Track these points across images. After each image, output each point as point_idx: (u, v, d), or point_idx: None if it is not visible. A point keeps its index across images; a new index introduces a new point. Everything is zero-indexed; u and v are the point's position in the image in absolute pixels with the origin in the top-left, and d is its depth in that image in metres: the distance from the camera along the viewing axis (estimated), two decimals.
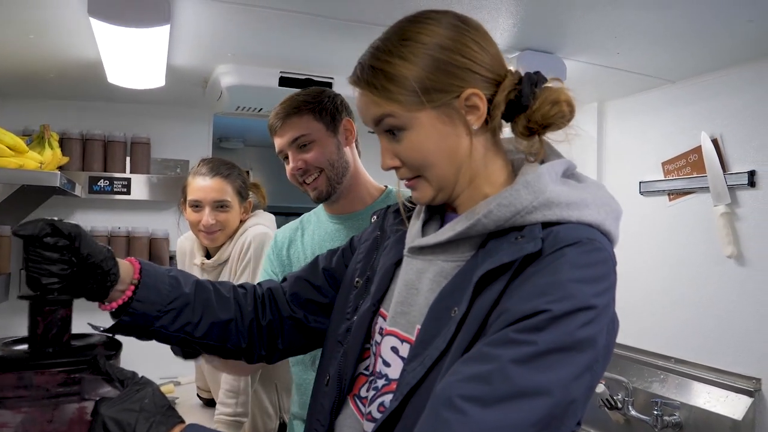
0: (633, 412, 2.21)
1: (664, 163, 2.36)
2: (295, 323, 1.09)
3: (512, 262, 0.79)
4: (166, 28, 1.61)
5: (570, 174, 0.91)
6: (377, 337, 0.93)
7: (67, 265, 0.85)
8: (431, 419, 0.72)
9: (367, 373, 0.94)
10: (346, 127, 1.55)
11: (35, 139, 2.27)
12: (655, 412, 2.12)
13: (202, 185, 1.98)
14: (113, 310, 0.92)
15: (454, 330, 0.80)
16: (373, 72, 0.88)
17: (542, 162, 0.90)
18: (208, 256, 2.09)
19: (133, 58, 1.88)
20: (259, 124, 3.89)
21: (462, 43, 0.87)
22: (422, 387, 0.80)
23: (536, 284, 0.77)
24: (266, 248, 1.94)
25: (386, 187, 1.63)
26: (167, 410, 0.78)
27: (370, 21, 1.78)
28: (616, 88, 2.47)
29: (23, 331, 2.62)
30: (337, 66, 2.25)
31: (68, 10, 1.63)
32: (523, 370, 0.71)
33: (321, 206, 1.64)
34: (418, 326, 0.86)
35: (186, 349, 1.06)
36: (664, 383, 2.23)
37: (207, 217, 1.96)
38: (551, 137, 0.91)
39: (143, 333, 0.96)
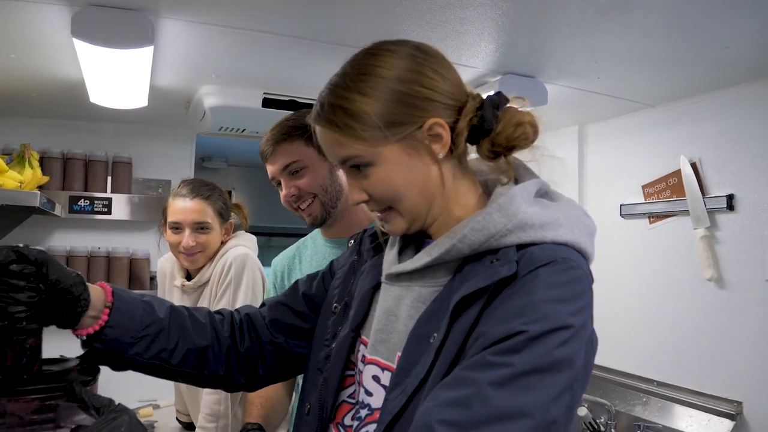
0: None
1: (644, 186, 2.39)
2: (275, 348, 1.07)
3: (488, 286, 0.79)
4: (150, 49, 1.61)
5: (543, 193, 0.91)
6: (360, 365, 0.92)
7: (34, 293, 0.83)
8: None
9: (352, 401, 0.93)
10: None
11: (15, 158, 2.25)
12: None
13: (182, 207, 1.96)
14: (86, 336, 0.90)
15: (434, 356, 0.79)
16: (333, 109, 0.86)
17: (516, 181, 0.90)
18: (189, 277, 2.06)
19: (116, 79, 1.87)
20: (241, 144, 3.90)
21: (421, 73, 0.86)
22: (404, 415, 0.79)
23: (511, 306, 0.76)
24: (246, 270, 1.93)
25: None
26: None
27: (353, 43, 1.78)
28: (597, 111, 2.51)
29: None
30: (320, 87, 2.25)
31: (51, 30, 1.63)
32: (501, 392, 0.70)
33: (317, 230, 1.63)
34: (399, 353, 0.85)
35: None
36: (646, 406, 2.24)
37: (187, 238, 1.94)
38: (520, 157, 0.91)
39: (117, 362, 0.94)
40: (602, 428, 2.24)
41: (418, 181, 0.87)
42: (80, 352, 0.92)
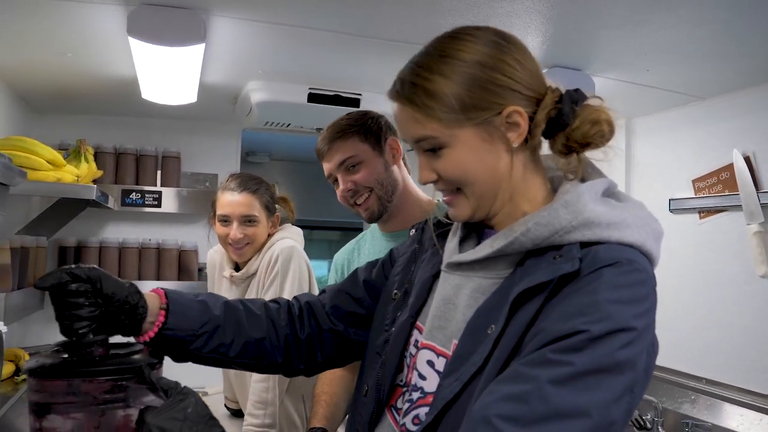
0: None
1: (694, 181, 2.34)
2: (334, 336, 1.10)
3: (549, 281, 0.79)
4: (202, 46, 1.65)
5: (611, 193, 0.90)
6: (411, 349, 0.94)
7: (94, 307, 0.86)
8: None
9: (401, 384, 0.95)
10: (392, 146, 1.58)
11: (72, 153, 2.33)
12: None
13: (230, 200, 2.01)
14: (148, 340, 0.94)
15: (491, 347, 0.80)
16: (414, 88, 0.87)
17: (582, 180, 0.90)
18: (237, 268, 2.11)
19: (168, 76, 1.93)
20: (285, 138, 3.96)
21: (502, 60, 0.86)
22: (458, 402, 0.80)
23: (574, 304, 0.76)
24: (293, 261, 1.97)
25: (438, 201, 1.65)
26: (209, 420, 0.80)
27: (398, 38, 1.81)
28: (645, 104, 2.46)
29: (57, 338, 2.67)
30: (365, 82, 2.28)
31: (107, 29, 1.69)
32: (561, 390, 0.70)
33: (376, 226, 1.67)
34: (455, 341, 0.86)
35: None
36: (694, 404, 2.20)
37: (235, 231, 1.99)
38: (590, 155, 0.91)
39: (178, 354, 0.98)
40: (649, 425, 2.21)
41: (489, 168, 0.87)
42: None
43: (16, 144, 1.89)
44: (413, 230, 1.13)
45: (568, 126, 0.87)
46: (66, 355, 0.83)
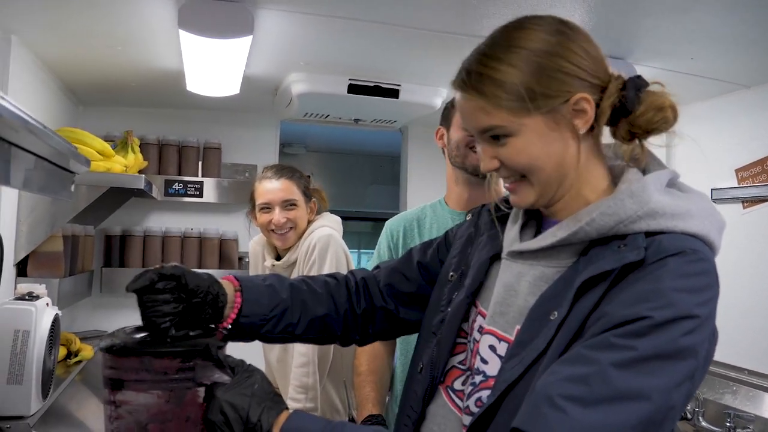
0: (704, 424, 2.17)
1: (737, 170, 2.31)
2: (385, 313, 1.14)
3: (613, 269, 0.80)
4: (249, 38, 1.69)
5: (673, 184, 0.91)
6: (476, 335, 0.96)
7: (177, 303, 0.90)
8: (531, 415, 0.74)
9: (462, 367, 0.97)
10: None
11: (119, 144, 2.41)
12: (728, 424, 2.07)
13: (269, 188, 2.06)
14: (228, 327, 0.99)
15: (554, 332, 0.81)
16: (481, 78, 0.88)
17: (643, 171, 0.91)
18: (278, 258, 2.16)
19: (214, 68, 1.97)
20: (321, 129, 4.00)
21: (568, 48, 0.87)
22: (519, 384, 0.82)
23: (638, 291, 0.77)
24: (330, 249, 2.00)
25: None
26: (274, 396, 0.83)
27: (438, 29, 1.82)
28: (688, 93, 2.43)
29: (104, 324, 2.74)
30: (405, 73, 2.30)
31: (157, 23, 1.74)
32: (623, 373, 0.72)
33: (439, 201, 1.72)
34: (517, 327, 0.88)
35: None
36: (736, 395, 2.18)
37: (278, 215, 2.03)
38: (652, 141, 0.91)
39: (250, 337, 1.03)
40: (690, 416, 2.20)
41: (556, 155, 0.88)
42: None
43: (68, 135, 1.96)
44: (470, 214, 1.15)
45: (632, 113, 0.87)
46: (137, 336, 0.87)
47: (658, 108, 0.87)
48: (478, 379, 0.91)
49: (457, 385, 0.96)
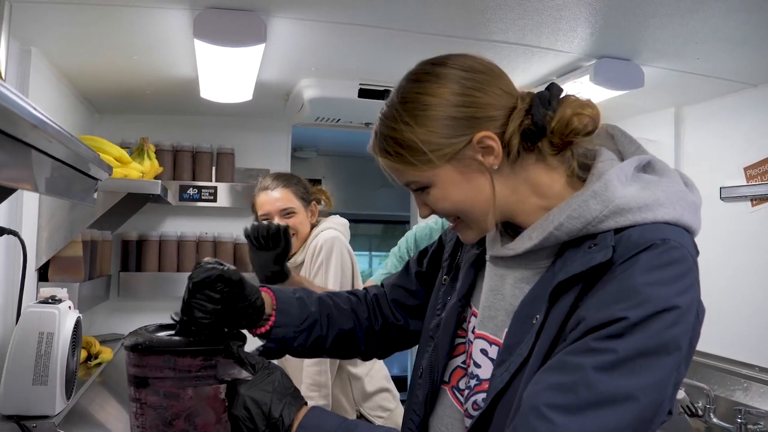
0: (715, 420, 2.18)
1: (746, 168, 2.32)
2: (397, 328, 1.18)
3: (583, 272, 0.80)
4: (261, 46, 1.73)
5: (645, 165, 0.90)
6: (470, 336, 0.98)
7: (221, 305, 0.94)
8: (520, 427, 0.75)
9: (464, 366, 0.99)
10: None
11: (135, 150, 2.46)
12: (739, 421, 2.08)
13: (267, 198, 2.12)
14: (264, 332, 1.03)
15: (534, 337, 0.83)
16: (385, 140, 0.91)
17: (620, 153, 0.91)
18: None
19: (228, 75, 2.02)
20: (331, 133, 4.05)
21: (465, 95, 0.87)
22: (509, 391, 0.84)
23: (611, 291, 0.77)
24: (335, 251, 2.04)
25: None
26: (294, 392, 0.87)
27: (448, 33, 1.85)
28: (695, 93, 2.45)
29: (121, 327, 2.79)
30: None
31: (173, 32, 1.78)
32: (606, 377, 0.73)
33: None
34: (506, 330, 0.90)
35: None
36: (747, 391, 2.19)
37: None
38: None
39: (281, 352, 1.07)
40: (701, 413, 2.21)
41: (478, 194, 0.90)
42: None
43: (87, 143, 2.00)
44: None
45: (546, 129, 0.87)
46: (160, 334, 0.91)
47: (568, 120, 0.86)
48: (472, 383, 0.94)
49: (462, 384, 0.98)
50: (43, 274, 2.06)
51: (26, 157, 0.71)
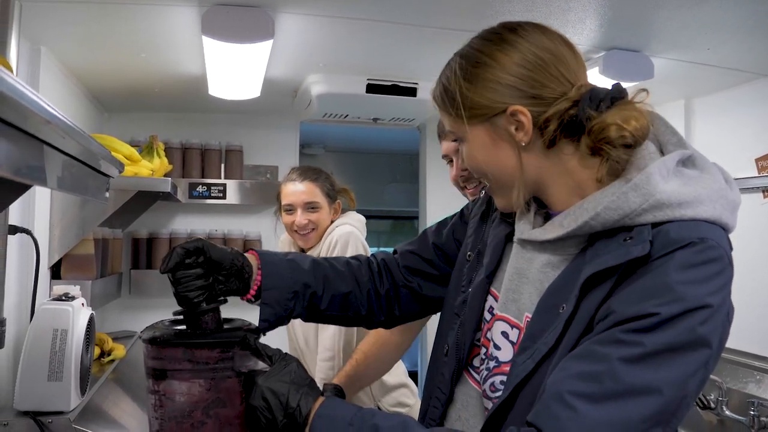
0: (727, 413, 2.17)
1: (757, 160, 2.30)
2: (409, 291, 1.17)
3: (618, 265, 0.79)
4: (269, 43, 1.73)
5: (686, 159, 0.88)
6: (486, 315, 0.99)
7: (206, 277, 0.95)
8: (543, 413, 0.76)
9: (478, 344, 1.00)
10: None
11: (144, 148, 2.47)
12: (752, 413, 2.07)
13: (293, 190, 2.11)
14: (252, 297, 1.03)
15: (562, 328, 0.83)
16: (438, 84, 0.98)
17: (661, 146, 0.90)
18: (302, 251, 2.21)
19: (236, 72, 2.02)
20: (339, 130, 4.05)
21: (521, 66, 0.88)
22: (532, 379, 0.84)
23: (645, 286, 0.77)
24: (350, 246, 2.05)
25: None
26: (311, 382, 0.88)
27: (454, 27, 1.85)
28: (706, 84, 2.43)
29: (133, 325, 2.81)
30: (422, 72, 2.33)
31: (180, 29, 1.79)
32: (632, 369, 0.73)
33: None
34: (527, 314, 0.90)
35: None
36: (760, 384, 2.18)
37: (299, 217, 2.09)
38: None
39: (283, 315, 1.06)
40: (713, 405, 2.20)
41: (503, 163, 0.92)
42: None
43: (98, 141, 2.02)
44: (483, 191, 1.17)
45: (587, 129, 0.86)
46: (177, 327, 0.92)
47: (616, 123, 0.84)
48: (491, 364, 0.94)
49: (476, 362, 0.99)
50: (55, 272, 2.08)
51: (39, 153, 0.72)
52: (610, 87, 0.89)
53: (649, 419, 0.73)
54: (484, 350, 0.98)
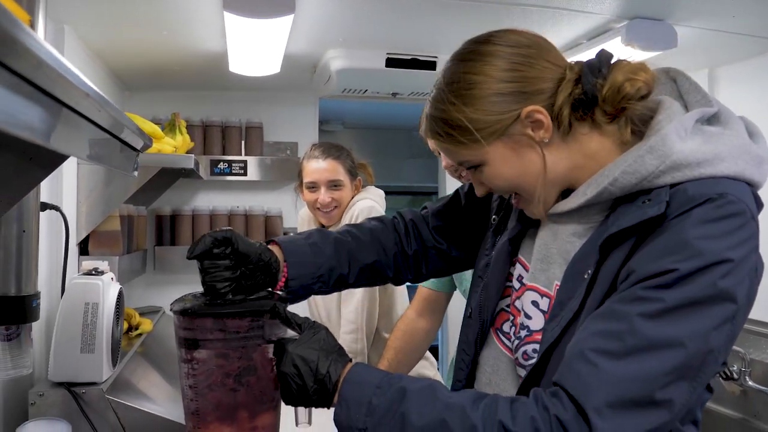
0: (750, 383, 2.18)
1: None
2: (438, 252, 1.19)
3: (634, 225, 0.80)
4: (290, 17, 1.73)
5: (710, 118, 0.88)
6: (515, 284, 1.00)
7: (234, 269, 0.96)
8: (566, 372, 0.78)
9: (507, 310, 1.01)
10: None
11: (167, 126, 2.49)
12: None
13: (316, 167, 2.12)
14: (281, 289, 1.05)
15: (584, 292, 0.84)
16: (435, 122, 0.94)
17: (686, 106, 0.90)
18: (323, 227, 2.23)
19: (257, 48, 2.03)
20: (358, 106, 4.04)
21: (510, 70, 0.88)
22: (560, 344, 0.86)
23: (662, 244, 0.78)
24: None
25: None
26: (339, 349, 0.90)
27: None
28: (730, 52, 2.39)
29: (157, 300, 2.85)
30: (442, 45, 2.31)
31: (203, 6, 1.79)
32: (652, 324, 0.74)
33: None
34: (557, 282, 0.91)
35: None
36: None
37: (323, 195, 2.10)
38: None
39: (306, 296, 1.10)
40: (736, 376, 2.21)
41: (530, 170, 0.91)
42: None
43: None
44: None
45: (598, 98, 0.87)
46: (206, 298, 0.94)
47: (620, 85, 0.85)
48: (523, 333, 0.95)
49: (506, 327, 1.01)
50: (83, 249, 2.12)
51: (78, 125, 0.73)
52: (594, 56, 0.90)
53: (672, 372, 0.74)
54: (512, 318, 0.99)
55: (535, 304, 0.95)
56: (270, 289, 1.03)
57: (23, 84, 0.52)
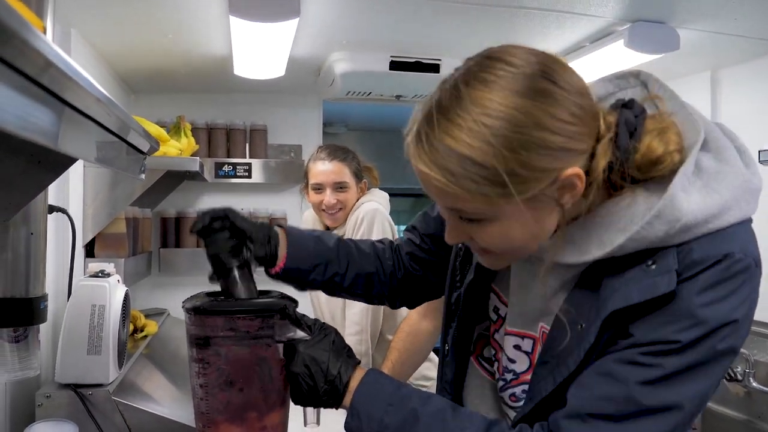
0: (754, 384, 2.18)
1: None
2: (420, 279, 1.16)
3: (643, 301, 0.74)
4: (295, 21, 1.74)
5: (705, 151, 0.79)
6: (492, 315, 0.98)
7: (235, 239, 0.99)
8: (564, 428, 0.77)
9: (486, 334, 1.00)
10: None
11: (172, 128, 2.50)
12: None
13: (322, 169, 2.13)
14: (279, 272, 1.06)
15: (584, 355, 0.79)
16: (440, 148, 0.74)
17: (656, 108, 0.81)
18: (327, 229, 2.24)
19: (262, 51, 2.04)
20: (361, 108, 4.05)
21: (551, 113, 0.72)
22: (552, 394, 0.83)
23: (665, 312, 0.74)
24: (376, 222, 2.07)
25: None
26: (349, 351, 0.91)
27: (476, 2, 1.84)
28: (732, 54, 2.40)
29: (163, 302, 2.86)
30: (445, 48, 2.32)
31: (209, 10, 1.80)
32: (651, 391, 0.74)
33: None
34: (541, 324, 0.89)
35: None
36: None
37: (329, 197, 2.11)
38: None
39: (300, 283, 1.10)
40: (740, 377, 2.21)
41: (539, 233, 0.79)
42: None
43: None
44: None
45: (626, 162, 0.76)
46: (218, 298, 0.96)
47: (667, 150, 0.76)
48: (508, 377, 0.94)
49: (486, 352, 1.00)
50: (89, 251, 2.13)
51: (86, 128, 0.75)
52: (625, 100, 0.81)
53: (669, 430, 0.74)
54: (494, 352, 0.98)
55: (517, 347, 0.93)
56: (270, 269, 1.05)
57: (34, 87, 0.53)
